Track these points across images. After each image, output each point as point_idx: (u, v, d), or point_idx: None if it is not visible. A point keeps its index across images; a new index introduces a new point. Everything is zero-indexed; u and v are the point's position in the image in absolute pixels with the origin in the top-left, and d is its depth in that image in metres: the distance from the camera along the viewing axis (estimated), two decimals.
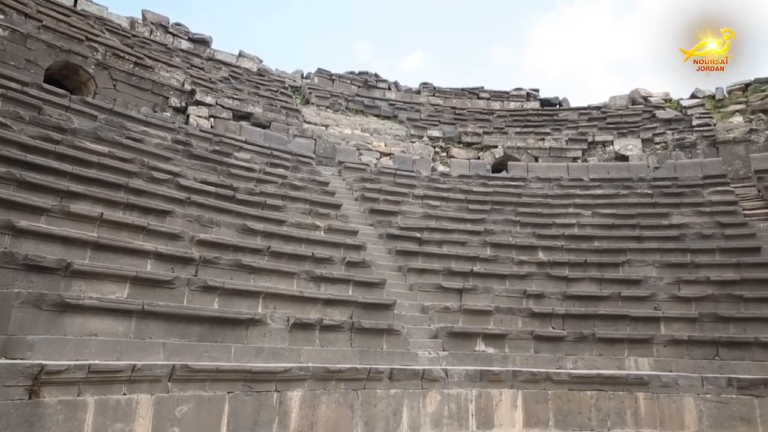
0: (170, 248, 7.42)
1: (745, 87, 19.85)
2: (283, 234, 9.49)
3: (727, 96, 19.94)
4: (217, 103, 14.34)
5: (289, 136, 14.38)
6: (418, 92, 19.75)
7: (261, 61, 18.76)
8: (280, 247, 8.97)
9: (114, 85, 12.60)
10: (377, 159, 15.04)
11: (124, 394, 5.18)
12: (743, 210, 12.83)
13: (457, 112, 18.67)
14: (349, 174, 13.56)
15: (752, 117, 18.24)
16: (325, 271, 8.86)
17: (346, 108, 18.03)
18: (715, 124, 17.25)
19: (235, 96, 15.18)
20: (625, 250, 11.44)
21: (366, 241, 10.48)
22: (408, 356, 7.99)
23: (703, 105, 18.89)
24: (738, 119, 18.09)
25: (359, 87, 19.39)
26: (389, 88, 19.71)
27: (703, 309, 9.73)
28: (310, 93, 18.17)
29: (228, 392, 5.91)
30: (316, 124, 16.13)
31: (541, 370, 8.02)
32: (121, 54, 13.16)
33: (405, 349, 8.12)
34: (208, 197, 9.45)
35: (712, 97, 19.93)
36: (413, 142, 16.35)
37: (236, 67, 17.64)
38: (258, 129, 14.06)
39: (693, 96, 19.94)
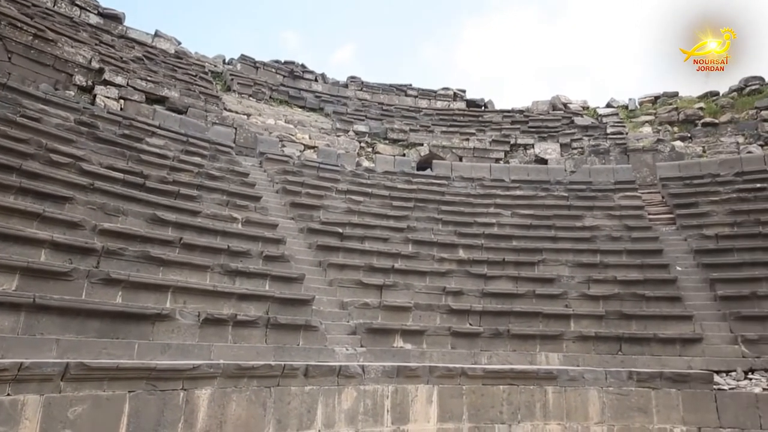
0: (69, 237, 6.99)
1: (655, 99, 21.67)
2: (198, 225, 9.21)
3: (638, 107, 21.67)
4: (128, 84, 13.62)
5: (207, 124, 13.94)
6: (346, 86, 19.81)
7: (179, 43, 18.02)
8: (194, 239, 8.70)
9: (9, 58, 11.61)
10: (301, 151, 14.93)
11: (9, 394, 4.83)
12: (649, 214, 14.00)
13: (385, 108, 18.93)
14: (271, 166, 13.37)
15: (660, 128, 19.95)
16: (241, 264, 8.69)
17: (270, 98, 17.73)
18: (627, 133, 18.68)
19: (149, 78, 14.49)
20: (541, 249, 12.12)
21: (286, 235, 10.39)
22: (325, 352, 8.03)
23: (617, 114, 20.41)
24: (647, 129, 19.71)
25: (285, 77, 19.13)
26: (316, 80, 19.61)
27: (610, 307, 10.54)
28: (232, 80, 17.70)
29: (129, 391, 5.66)
30: (237, 113, 15.74)
31: (457, 365, 8.32)
32: (19, 24, 12.15)
33: (322, 345, 8.16)
34: (114, 184, 8.98)
35: (626, 107, 21.58)
36: (339, 136, 16.39)
37: (151, 47, 16.83)
38: (173, 114, 13.51)
39: (608, 105, 21.49)
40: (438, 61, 74.70)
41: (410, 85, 20.37)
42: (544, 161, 17.20)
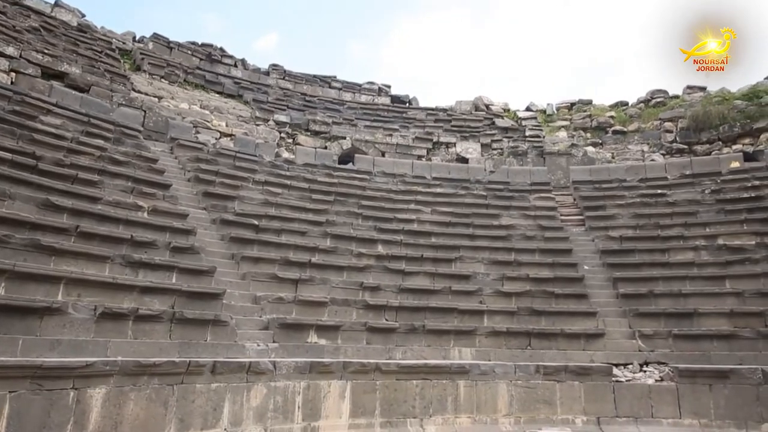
0: None
1: (571, 106, 23.03)
2: (97, 213, 8.69)
3: (555, 112, 22.94)
4: (21, 56, 12.59)
5: (112, 104, 13.16)
6: (268, 73, 19.42)
7: (83, 16, 16.87)
8: (93, 228, 8.21)
9: None
10: (216, 139, 14.47)
11: None
12: (561, 215, 14.87)
13: (308, 98, 18.76)
14: (183, 152, 12.86)
15: (574, 133, 21.25)
16: (145, 256, 8.31)
17: (185, 81, 17.02)
18: (544, 137, 19.72)
19: (46, 51, 13.45)
20: (458, 247, 12.54)
21: (197, 226, 10.05)
22: (235, 348, 7.86)
23: (535, 118, 21.48)
24: (563, 134, 20.93)
25: (202, 60, 18.44)
26: (236, 65, 19.06)
27: (522, 303, 11.09)
28: (143, 59, 16.81)
29: (9, 392, 5.26)
30: (147, 95, 14.98)
31: (372, 360, 8.44)
32: None
33: (232, 341, 7.98)
34: (1, 165, 8.27)
35: (544, 111, 22.76)
36: (258, 125, 16.04)
37: (51, 17, 15.63)
38: (74, 92, 12.65)
39: (528, 109, 22.57)
40: (365, 56, 75.05)
41: (335, 77, 20.31)
42: (465, 160, 17.78)
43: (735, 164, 15.28)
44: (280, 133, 16.40)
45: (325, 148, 16.37)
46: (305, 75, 20.06)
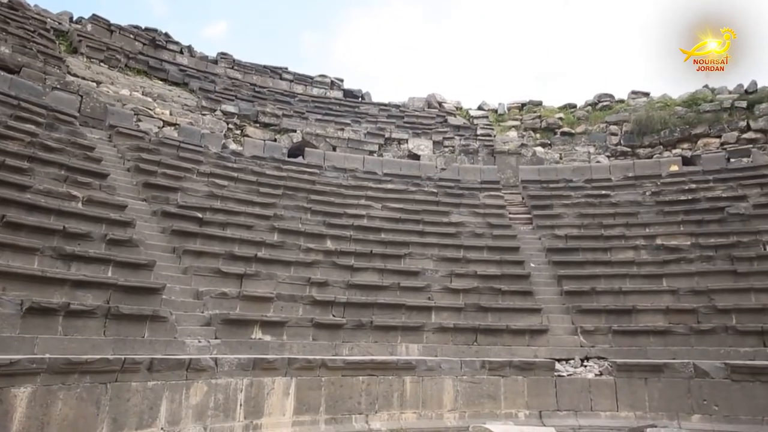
0: None
1: (522, 106, 23.64)
2: (26, 202, 8.26)
3: (507, 112, 23.49)
4: None
5: (46, 88, 12.52)
6: (216, 62, 18.96)
7: None
8: (20, 218, 7.81)
9: None
10: (159, 128, 14.02)
11: None
12: (509, 214, 15.24)
13: (257, 89, 18.44)
14: (123, 141, 12.40)
15: (524, 133, 21.83)
16: (78, 248, 7.97)
17: (126, 66, 16.40)
18: (495, 136, 20.16)
19: None
20: (408, 243, 12.65)
21: (136, 218, 9.71)
22: (174, 345, 7.66)
23: (487, 117, 21.94)
24: (513, 134, 21.46)
25: (145, 45, 17.80)
26: (181, 52, 18.50)
27: (469, 300, 11.31)
28: (81, 41, 16.07)
29: None
30: (84, 79, 14.35)
31: (317, 357, 8.42)
32: None
33: (171, 337, 7.77)
34: None
35: (495, 111, 23.27)
36: (204, 115, 15.66)
37: None
38: (2, 73, 11.94)
39: (480, 108, 23.02)
40: (317, 49, 74.52)
41: (286, 68, 20.06)
42: (416, 157, 17.95)
43: (674, 168, 16.07)
44: (227, 123, 16.06)
45: (275, 140, 16.16)
46: (255, 65, 19.71)
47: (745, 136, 18.44)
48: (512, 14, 68.35)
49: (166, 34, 18.70)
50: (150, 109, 14.57)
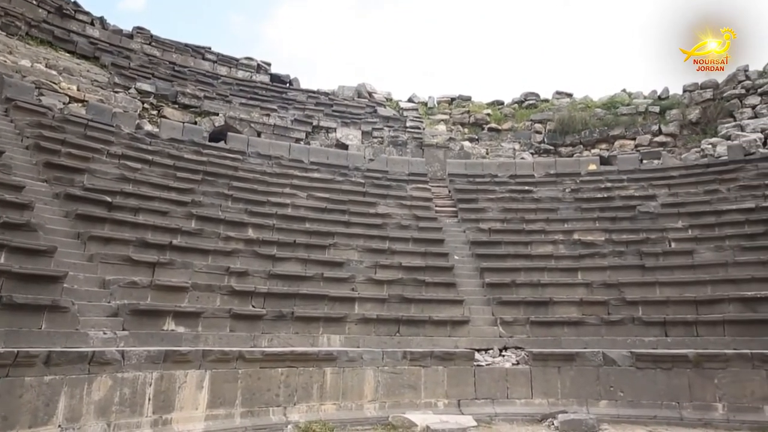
0: None
1: (451, 101, 24.18)
2: None
3: (436, 106, 23.95)
4: None
5: None
6: (131, 36, 17.96)
7: None
8: None
9: None
10: (65, 104, 13.12)
11: None
12: (436, 206, 15.56)
13: (177, 68, 17.67)
14: (21, 116, 11.51)
15: (453, 127, 22.34)
16: None
17: (28, 34, 15.18)
18: (424, 129, 20.49)
19: None
20: (333, 233, 12.61)
21: (35, 200, 9.06)
22: (76, 337, 7.23)
23: (417, 110, 22.25)
24: (442, 127, 21.91)
25: (50, 13, 16.55)
26: (92, 24, 17.37)
27: (393, 291, 11.45)
28: None
29: None
30: None
31: (234, 348, 8.23)
32: None
33: (73, 328, 7.32)
34: None
35: (425, 104, 23.66)
36: (117, 93, 14.83)
37: None
38: None
39: (410, 100, 23.32)
40: (245, 31, 72.51)
41: (209, 48, 19.34)
42: (345, 146, 17.91)
43: (592, 167, 17.00)
44: (143, 103, 15.28)
45: (195, 123, 15.58)
46: (176, 43, 18.87)
47: (657, 139, 19.87)
48: (463, 8, 69.58)
49: (75, 3, 17.49)
50: (54, 83, 13.60)
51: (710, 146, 17.49)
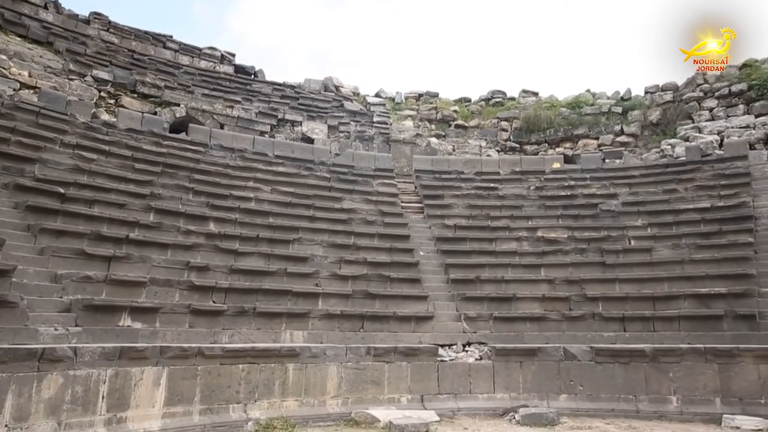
0: None
1: (419, 97, 24.28)
2: None
3: (404, 101, 24.00)
4: None
5: None
6: (88, 22, 17.36)
7: None
8: None
9: None
10: (15, 90, 12.60)
11: None
12: (402, 202, 15.61)
13: (137, 57, 17.19)
14: None
15: (420, 124, 22.44)
16: None
17: None
18: (391, 124, 20.50)
19: None
20: (297, 228, 12.53)
21: None
22: (25, 333, 6.99)
23: (384, 105, 22.25)
24: (409, 123, 21.98)
25: None
26: (45, 7, 16.70)
27: (357, 286, 11.46)
28: None
29: None
30: None
31: (194, 345, 8.09)
32: None
33: (22, 324, 7.08)
34: None
35: (392, 99, 23.68)
36: (72, 80, 14.33)
37: None
38: None
39: (377, 95, 23.30)
40: (210, 20, 71.18)
41: (171, 36, 18.87)
42: (310, 140, 17.77)
43: (556, 165, 17.32)
44: (99, 91, 14.82)
45: (155, 113, 15.18)
46: (135, 30, 18.34)
47: (619, 139, 20.39)
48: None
49: None
50: (4, 69, 13.06)
51: (669, 147, 18.04)
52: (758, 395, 8.99)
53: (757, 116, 17.67)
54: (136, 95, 15.55)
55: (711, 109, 19.02)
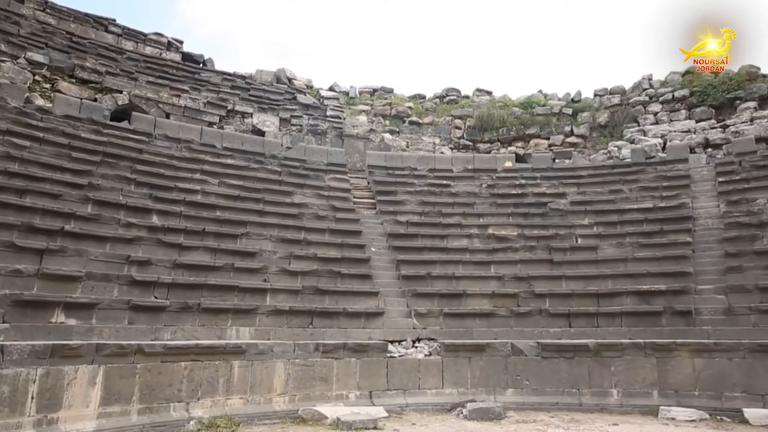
0: None
1: (373, 91, 24.29)
2: None
3: (358, 96, 23.97)
4: None
5: None
6: (22, 0, 16.48)
7: None
8: None
9: None
10: None
11: None
12: (354, 198, 15.58)
13: (76, 40, 16.42)
14: None
15: (374, 119, 22.46)
16: None
17: None
18: (344, 119, 20.42)
19: None
20: (246, 222, 12.31)
21: None
22: None
23: (338, 99, 22.13)
24: (363, 118, 21.96)
25: None
26: None
27: (307, 282, 11.37)
28: None
29: None
30: None
31: (133, 342, 7.83)
32: None
33: None
34: None
35: (347, 93, 23.61)
36: (3, 62, 13.55)
37: None
38: None
39: (331, 89, 23.15)
40: (159, 6, 69.04)
41: (114, 20, 18.14)
42: (261, 133, 17.49)
43: (508, 164, 17.69)
44: (34, 75, 14.09)
45: (95, 100, 14.58)
46: (74, 11, 17.53)
47: (569, 139, 21.02)
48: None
49: None
50: None
51: (616, 149, 18.72)
52: (692, 388, 9.46)
53: (697, 121, 18.58)
54: (74, 80, 14.89)
55: (656, 113, 19.85)
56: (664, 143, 17.87)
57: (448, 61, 64.32)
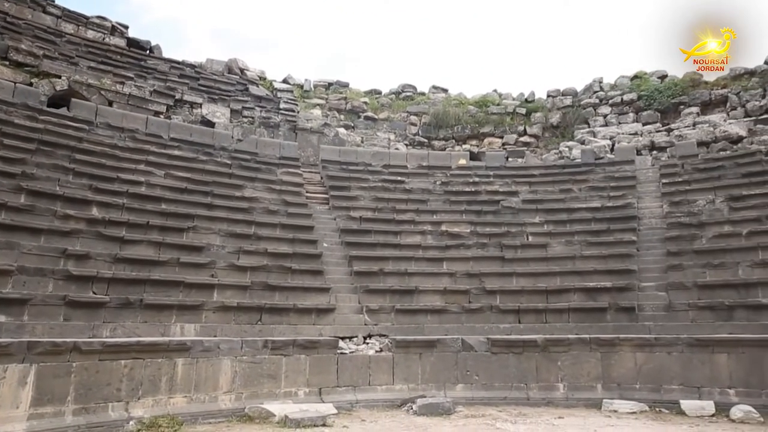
0: None
1: (329, 85, 24.14)
2: None
3: (312, 89, 23.75)
4: None
5: None
6: None
7: None
8: None
9: None
10: None
11: None
12: (307, 192, 15.44)
13: (10, 20, 15.56)
14: None
15: (329, 113, 22.33)
16: None
17: None
18: (298, 112, 20.22)
19: None
20: (193, 216, 12.02)
21: None
22: None
23: (292, 92, 21.87)
24: (318, 112, 21.80)
25: None
26: None
27: (257, 278, 11.21)
28: None
29: None
30: None
31: (68, 340, 7.51)
32: None
33: None
34: None
35: (301, 86, 23.37)
36: None
37: None
38: None
39: (285, 81, 22.87)
40: None
41: (53, 1, 17.36)
42: (211, 124, 17.10)
43: (462, 161, 17.91)
44: None
45: (31, 84, 13.90)
46: None
47: (522, 139, 21.48)
48: None
49: None
50: None
51: (567, 149, 19.24)
52: (634, 381, 9.83)
53: (644, 124, 19.33)
54: (7, 63, 14.14)
55: (605, 116, 20.52)
56: (613, 145, 18.47)
57: (405, 57, 64.60)
